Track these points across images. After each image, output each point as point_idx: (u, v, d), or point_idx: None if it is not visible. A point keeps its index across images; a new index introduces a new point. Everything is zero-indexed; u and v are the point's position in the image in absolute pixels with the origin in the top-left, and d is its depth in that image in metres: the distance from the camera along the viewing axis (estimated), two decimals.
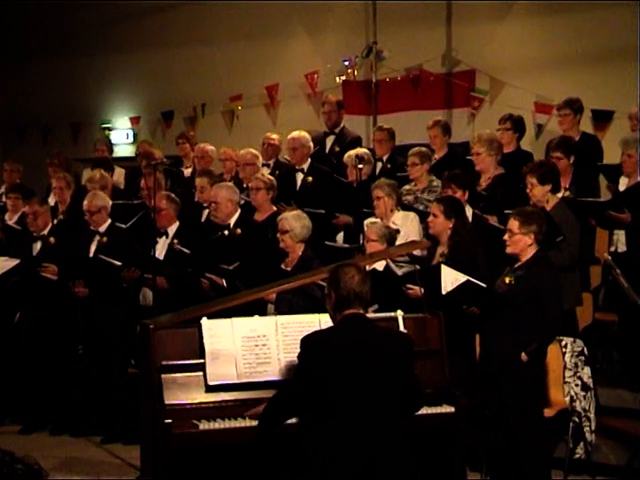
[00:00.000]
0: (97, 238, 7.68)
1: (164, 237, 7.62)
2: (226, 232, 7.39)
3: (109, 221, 7.77)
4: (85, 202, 7.76)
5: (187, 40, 11.63)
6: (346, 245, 7.66)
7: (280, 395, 4.53)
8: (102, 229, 7.72)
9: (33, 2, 12.65)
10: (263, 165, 8.75)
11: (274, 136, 9.10)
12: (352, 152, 8.08)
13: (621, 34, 8.96)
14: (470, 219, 6.79)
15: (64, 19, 12.46)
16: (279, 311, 6.17)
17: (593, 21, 9.27)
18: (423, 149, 8.00)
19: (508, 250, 5.76)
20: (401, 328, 5.24)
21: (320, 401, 4.16)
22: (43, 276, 7.63)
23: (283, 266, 6.75)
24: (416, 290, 6.05)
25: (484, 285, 5.74)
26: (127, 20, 11.98)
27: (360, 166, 7.18)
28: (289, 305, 6.25)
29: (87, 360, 7.57)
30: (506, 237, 5.75)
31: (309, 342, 4.30)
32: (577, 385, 6.16)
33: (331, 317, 4.46)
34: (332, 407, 4.14)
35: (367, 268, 6.19)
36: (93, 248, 7.66)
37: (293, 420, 4.55)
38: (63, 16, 12.47)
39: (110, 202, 7.96)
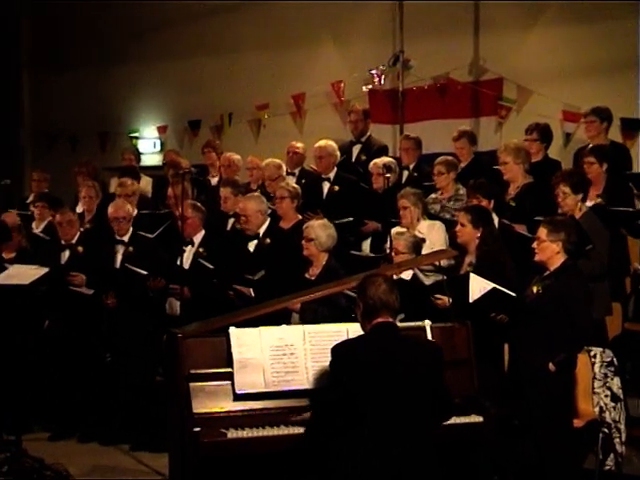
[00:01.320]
0: (122, 248, 7.71)
1: (190, 246, 7.64)
2: (254, 242, 7.40)
3: (131, 230, 7.80)
4: (112, 209, 7.77)
5: (214, 49, 11.67)
6: (372, 254, 7.65)
7: (318, 406, 4.54)
8: (126, 238, 7.75)
9: (64, 13, 12.76)
10: (288, 174, 8.77)
11: (299, 145, 9.11)
12: (378, 160, 8.08)
13: None
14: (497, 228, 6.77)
15: (93, 30, 12.55)
16: (304, 320, 6.18)
17: (621, 29, 9.21)
18: (449, 158, 7.97)
19: (536, 258, 5.74)
20: (429, 338, 5.23)
21: (350, 409, 4.17)
22: (72, 285, 7.67)
23: (307, 275, 6.76)
24: (444, 300, 6.04)
25: (512, 294, 5.71)
26: (155, 30, 12.05)
27: (387, 175, 7.18)
28: (314, 314, 6.24)
29: (114, 368, 7.61)
30: (535, 244, 5.74)
31: (339, 351, 4.34)
32: (607, 396, 6.10)
33: (362, 326, 4.48)
34: (362, 415, 4.15)
35: (394, 277, 6.18)
36: (119, 258, 7.70)
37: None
38: (92, 27, 12.56)
39: (135, 211, 7.99)
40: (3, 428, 7.18)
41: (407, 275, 6.66)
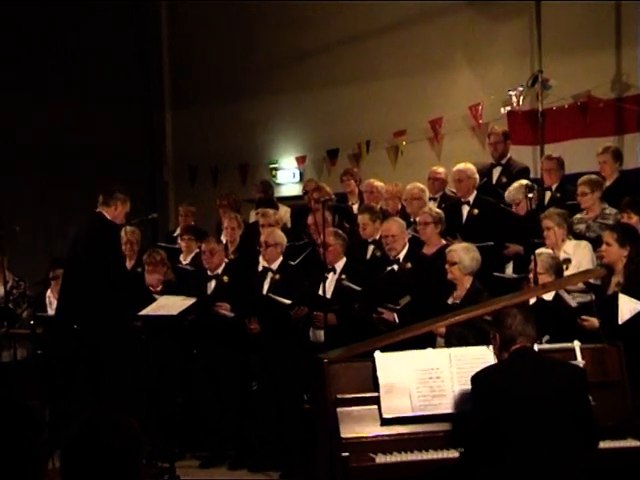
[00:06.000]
0: (270, 275, 7.84)
1: (332, 273, 7.70)
2: (395, 267, 7.40)
3: (281, 258, 7.93)
4: (263, 235, 7.99)
5: (349, 78, 11.75)
6: (514, 275, 7.54)
7: (467, 435, 4.51)
8: (274, 266, 7.88)
9: (202, 48, 13.13)
10: (430, 199, 8.73)
11: (440, 170, 9.06)
12: (512, 190, 8.00)
13: None
14: None
15: (230, 64, 12.85)
16: (449, 344, 6.12)
17: None
18: (593, 177, 7.81)
19: None
20: (579, 359, 5.11)
21: (493, 437, 4.11)
22: (218, 314, 7.84)
23: (450, 300, 6.70)
24: (592, 321, 5.89)
25: None
26: (291, 62, 12.24)
27: (530, 195, 7.09)
28: (459, 338, 6.19)
29: (262, 396, 7.71)
30: None
31: (479, 379, 4.37)
32: None
33: (498, 358, 4.49)
34: (505, 442, 4.09)
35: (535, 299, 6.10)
36: (266, 285, 7.83)
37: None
38: (229, 61, 12.86)
39: (285, 241, 8.12)
40: (157, 456, 7.36)
41: (548, 296, 6.53)
